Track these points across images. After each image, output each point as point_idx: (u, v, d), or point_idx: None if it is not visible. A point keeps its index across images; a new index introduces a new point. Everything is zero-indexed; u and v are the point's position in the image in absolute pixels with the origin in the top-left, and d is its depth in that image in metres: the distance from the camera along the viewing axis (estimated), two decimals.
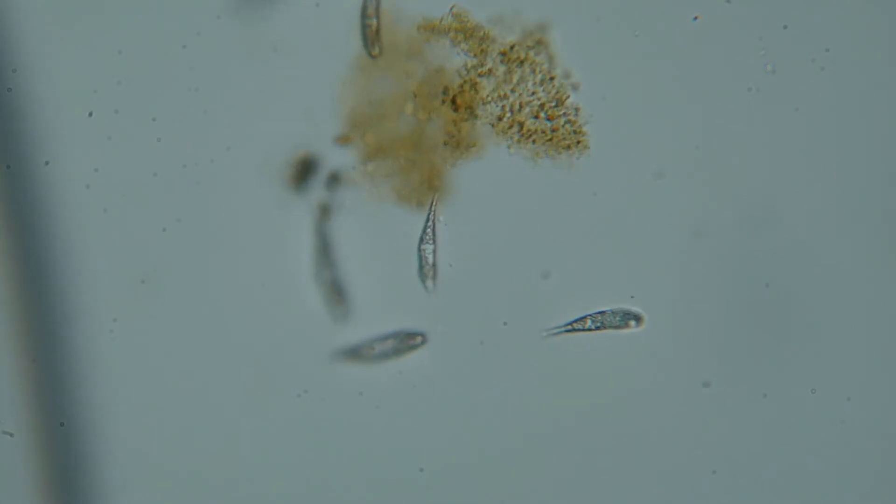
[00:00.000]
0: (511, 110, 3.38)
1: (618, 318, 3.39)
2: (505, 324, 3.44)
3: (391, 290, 3.45)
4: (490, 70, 3.38)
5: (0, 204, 3.47)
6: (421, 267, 3.42)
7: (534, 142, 3.38)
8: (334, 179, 3.43)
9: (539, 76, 3.38)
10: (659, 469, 3.43)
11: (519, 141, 3.38)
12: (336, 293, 3.45)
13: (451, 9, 3.38)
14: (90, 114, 3.47)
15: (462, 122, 3.38)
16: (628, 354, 3.42)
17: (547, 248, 3.43)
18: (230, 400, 3.48)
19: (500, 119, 3.38)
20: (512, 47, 3.38)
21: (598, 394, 3.43)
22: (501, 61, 3.38)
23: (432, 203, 3.40)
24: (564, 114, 3.37)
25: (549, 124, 3.38)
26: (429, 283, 3.42)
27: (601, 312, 3.39)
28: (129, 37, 3.48)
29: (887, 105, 3.40)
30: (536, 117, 3.38)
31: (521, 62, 3.38)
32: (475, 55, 3.38)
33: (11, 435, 3.48)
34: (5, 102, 3.46)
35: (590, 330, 3.39)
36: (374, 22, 3.25)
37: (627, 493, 3.44)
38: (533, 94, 3.38)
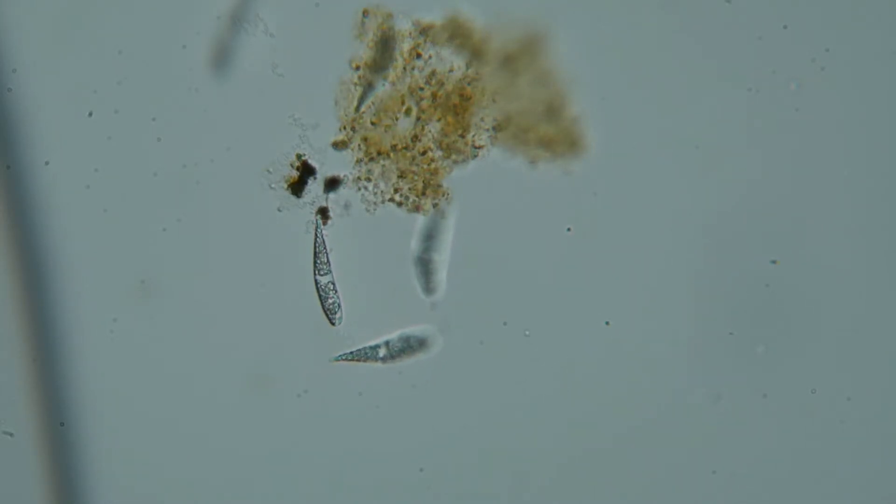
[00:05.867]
0: (510, 113, 3.38)
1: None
2: (505, 324, 3.44)
3: (390, 291, 3.46)
4: (489, 73, 3.38)
5: (0, 204, 3.48)
6: (420, 270, 3.43)
7: (534, 144, 3.38)
8: (333, 182, 3.43)
9: (538, 78, 3.38)
10: (659, 469, 3.43)
11: (519, 143, 3.38)
12: (336, 294, 3.45)
13: (450, 11, 3.38)
14: (90, 114, 3.48)
15: (461, 124, 3.38)
16: (627, 355, 3.42)
17: (547, 249, 3.43)
18: (230, 400, 3.49)
19: (499, 121, 3.38)
20: (511, 50, 3.38)
21: (597, 394, 3.43)
22: (501, 64, 3.38)
23: (435, 209, 3.40)
24: (563, 116, 3.38)
25: (548, 126, 3.38)
26: (429, 285, 3.42)
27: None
28: (129, 37, 3.48)
29: (887, 105, 3.40)
30: (536, 119, 3.38)
31: (520, 64, 3.38)
32: (474, 58, 3.38)
33: (11, 435, 3.48)
34: (5, 102, 3.46)
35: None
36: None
37: (628, 492, 3.44)
38: (532, 96, 3.38)
